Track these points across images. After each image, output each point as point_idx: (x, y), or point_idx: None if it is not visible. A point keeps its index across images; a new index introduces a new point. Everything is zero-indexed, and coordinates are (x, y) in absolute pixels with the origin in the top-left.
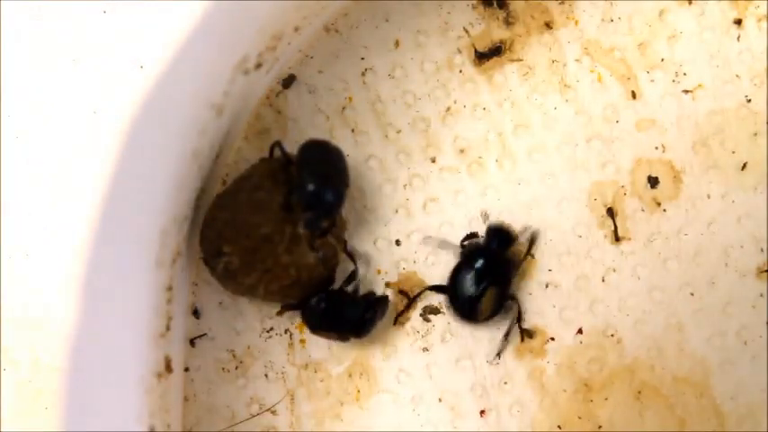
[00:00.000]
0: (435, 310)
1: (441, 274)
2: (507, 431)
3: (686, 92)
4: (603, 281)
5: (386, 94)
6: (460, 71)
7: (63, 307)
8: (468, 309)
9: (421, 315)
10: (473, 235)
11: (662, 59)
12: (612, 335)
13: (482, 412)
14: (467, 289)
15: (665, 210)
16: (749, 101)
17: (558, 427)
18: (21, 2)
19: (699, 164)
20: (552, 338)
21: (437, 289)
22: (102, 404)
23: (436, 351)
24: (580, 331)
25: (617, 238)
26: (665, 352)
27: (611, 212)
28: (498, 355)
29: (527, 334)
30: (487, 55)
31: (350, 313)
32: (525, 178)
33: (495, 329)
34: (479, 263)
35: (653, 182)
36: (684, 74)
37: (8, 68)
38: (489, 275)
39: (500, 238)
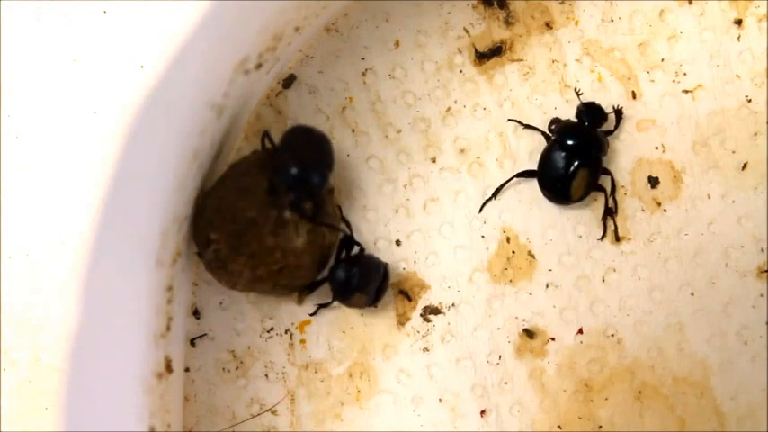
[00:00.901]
0: (435, 310)
1: (441, 274)
2: (507, 431)
3: (686, 92)
4: (604, 281)
5: (386, 94)
6: (461, 71)
7: (63, 307)
8: (560, 189)
9: (421, 315)
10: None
11: (662, 59)
12: (613, 335)
13: (482, 412)
14: (559, 169)
15: (665, 210)
16: (749, 101)
17: (559, 427)
18: (21, 2)
19: (699, 164)
20: (552, 338)
21: (527, 174)
22: (102, 404)
23: (436, 351)
24: (580, 331)
25: (617, 238)
26: (666, 352)
27: (611, 212)
28: (603, 236)
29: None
30: (488, 55)
31: (376, 272)
32: (525, 178)
33: (495, 329)
34: (571, 141)
35: (653, 182)
36: (684, 74)
37: (8, 68)
38: (581, 155)
39: (592, 115)
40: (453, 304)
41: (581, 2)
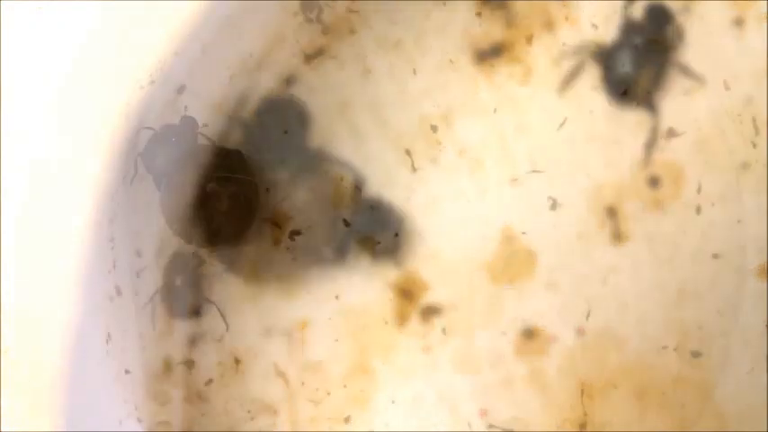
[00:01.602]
0: (435, 310)
1: (441, 274)
2: (507, 431)
3: (686, 92)
4: (604, 281)
5: (386, 94)
6: (461, 71)
7: (63, 307)
8: (624, 89)
9: (421, 315)
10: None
11: None
12: (613, 335)
13: (482, 412)
14: (623, 68)
15: (665, 210)
16: (749, 101)
17: (559, 427)
18: (21, 2)
19: (699, 164)
20: (552, 339)
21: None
22: (102, 404)
23: (436, 351)
24: (580, 331)
25: (617, 239)
26: (665, 352)
27: (611, 212)
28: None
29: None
30: (488, 55)
31: (392, 213)
32: (525, 178)
33: (496, 329)
34: (637, 40)
35: (653, 182)
36: (684, 74)
37: (8, 68)
38: (646, 54)
39: (657, 15)
40: (453, 304)
41: (581, 2)
